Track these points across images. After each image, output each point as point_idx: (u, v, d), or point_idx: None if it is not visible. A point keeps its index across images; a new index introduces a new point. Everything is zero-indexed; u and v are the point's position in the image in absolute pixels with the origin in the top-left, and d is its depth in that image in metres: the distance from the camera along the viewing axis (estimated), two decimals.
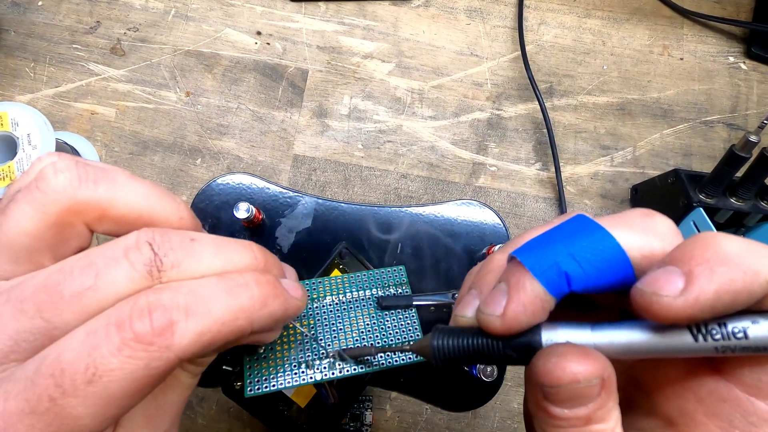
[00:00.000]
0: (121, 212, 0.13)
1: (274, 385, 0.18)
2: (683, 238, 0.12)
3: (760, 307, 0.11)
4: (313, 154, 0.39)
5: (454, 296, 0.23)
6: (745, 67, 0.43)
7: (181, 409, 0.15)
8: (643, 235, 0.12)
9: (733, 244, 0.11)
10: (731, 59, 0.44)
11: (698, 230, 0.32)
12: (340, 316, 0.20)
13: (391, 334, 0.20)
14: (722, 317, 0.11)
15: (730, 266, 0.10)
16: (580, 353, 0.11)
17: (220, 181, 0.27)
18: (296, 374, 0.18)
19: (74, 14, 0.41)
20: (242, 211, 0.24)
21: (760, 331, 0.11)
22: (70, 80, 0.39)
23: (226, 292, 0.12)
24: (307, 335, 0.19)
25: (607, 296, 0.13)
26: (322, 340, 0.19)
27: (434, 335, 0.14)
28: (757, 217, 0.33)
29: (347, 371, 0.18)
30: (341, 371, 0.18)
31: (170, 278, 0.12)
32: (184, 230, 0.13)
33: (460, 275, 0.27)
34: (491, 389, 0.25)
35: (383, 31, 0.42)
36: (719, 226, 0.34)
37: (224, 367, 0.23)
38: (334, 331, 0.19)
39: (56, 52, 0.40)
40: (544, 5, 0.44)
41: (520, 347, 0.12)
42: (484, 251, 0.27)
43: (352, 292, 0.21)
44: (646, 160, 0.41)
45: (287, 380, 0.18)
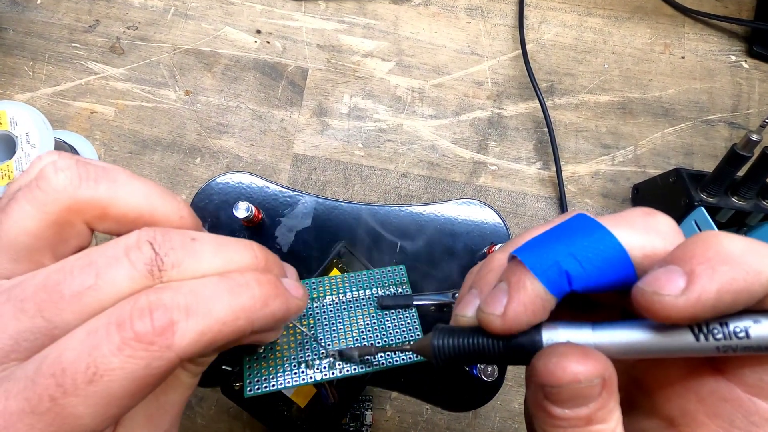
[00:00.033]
0: (121, 211, 0.13)
1: (273, 385, 0.18)
2: (685, 237, 0.12)
3: (761, 306, 0.11)
4: (312, 153, 0.39)
5: (454, 296, 0.23)
6: (746, 65, 0.43)
7: (181, 408, 0.15)
8: (644, 234, 0.12)
9: (734, 243, 0.11)
10: (733, 58, 0.43)
11: (700, 229, 0.32)
12: (340, 315, 0.20)
13: (391, 333, 0.20)
14: (724, 317, 0.11)
15: (731, 265, 0.10)
16: (580, 353, 0.11)
17: (219, 180, 0.27)
18: (296, 374, 0.18)
19: (73, 12, 0.41)
20: (242, 210, 0.24)
21: (761, 330, 0.11)
22: (69, 79, 0.39)
23: (227, 291, 0.12)
24: (307, 335, 0.19)
25: (608, 296, 0.13)
26: (322, 339, 0.19)
27: (434, 335, 0.14)
28: (758, 216, 0.33)
29: (347, 371, 0.18)
30: (341, 371, 0.18)
31: (171, 278, 0.12)
32: (184, 230, 0.13)
33: (460, 275, 0.27)
34: (492, 389, 0.25)
35: (383, 29, 0.42)
36: (721, 225, 0.34)
37: (224, 367, 0.23)
38: (334, 330, 0.19)
39: (55, 50, 0.40)
40: (545, 3, 0.44)
41: (520, 347, 0.12)
42: (484, 250, 0.27)
43: (352, 291, 0.21)
44: (647, 159, 0.41)
45: (287, 380, 0.18)
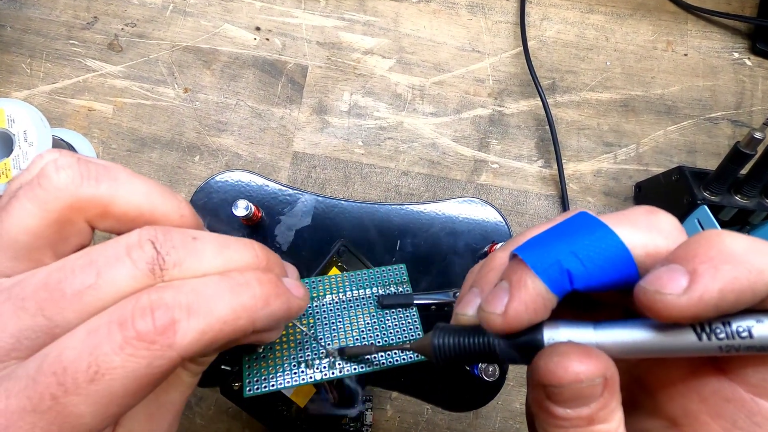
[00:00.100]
0: (122, 210, 0.12)
1: (273, 385, 0.17)
2: (687, 235, 0.12)
3: (764, 305, 0.11)
4: (312, 151, 0.39)
5: (455, 295, 0.23)
6: (750, 63, 0.43)
7: (181, 408, 0.15)
8: (646, 232, 0.12)
9: (737, 242, 0.11)
10: (736, 55, 0.43)
11: (702, 228, 0.32)
12: (340, 314, 0.20)
13: (391, 333, 0.20)
14: (726, 316, 0.11)
15: (734, 264, 0.10)
16: (582, 352, 0.11)
17: (218, 178, 0.27)
18: (296, 374, 0.18)
19: (71, 9, 0.40)
20: (241, 208, 0.24)
21: (764, 330, 0.11)
22: (66, 76, 0.39)
23: (228, 291, 0.12)
24: (306, 334, 0.19)
25: (610, 294, 0.13)
26: (322, 339, 0.19)
27: (435, 334, 0.14)
28: (762, 214, 0.33)
29: (347, 371, 0.18)
30: (341, 371, 0.18)
31: (172, 277, 0.12)
32: (185, 228, 0.13)
33: (461, 273, 0.26)
34: (493, 389, 0.25)
35: (384, 26, 0.42)
36: (724, 223, 0.33)
37: (223, 366, 0.23)
38: (334, 330, 0.19)
39: (53, 47, 0.39)
40: (546, 0, 0.44)
41: (521, 346, 0.12)
42: (485, 249, 0.27)
43: (352, 290, 0.21)
44: (649, 157, 0.40)
45: (287, 380, 0.18)
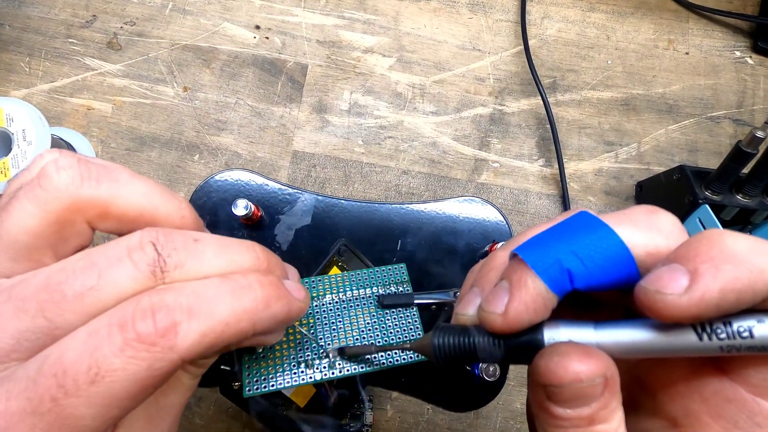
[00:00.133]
0: (123, 210, 0.12)
1: (273, 385, 0.17)
2: (688, 235, 0.12)
3: (765, 305, 0.11)
4: (312, 150, 0.39)
5: (455, 294, 0.23)
6: (751, 61, 0.43)
7: (181, 410, 0.15)
8: (647, 232, 0.12)
9: (738, 241, 0.11)
10: (737, 54, 0.43)
11: (704, 227, 0.32)
12: (340, 314, 0.20)
13: (391, 332, 0.20)
14: (727, 316, 0.11)
15: (735, 264, 0.10)
16: (582, 352, 0.11)
17: (218, 177, 0.27)
18: (295, 374, 0.18)
19: (70, 8, 0.40)
20: (241, 208, 0.24)
21: (766, 330, 0.10)
22: (65, 75, 0.39)
23: (229, 293, 0.12)
24: (306, 334, 0.19)
25: (610, 294, 0.13)
26: (321, 339, 0.19)
27: (435, 334, 0.13)
28: (763, 214, 0.33)
29: (347, 371, 0.18)
30: (341, 371, 0.18)
31: (173, 279, 0.12)
32: (187, 230, 0.13)
33: (461, 273, 0.26)
34: (494, 389, 0.25)
35: (384, 25, 0.42)
36: (725, 223, 0.33)
37: (222, 366, 0.23)
38: (334, 329, 0.19)
39: (52, 46, 0.39)
40: None
41: (522, 346, 0.12)
42: (486, 249, 0.27)
43: (352, 290, 0.21)
44: (651, 156, 0.40)
45: (286, 380, 0.18)
